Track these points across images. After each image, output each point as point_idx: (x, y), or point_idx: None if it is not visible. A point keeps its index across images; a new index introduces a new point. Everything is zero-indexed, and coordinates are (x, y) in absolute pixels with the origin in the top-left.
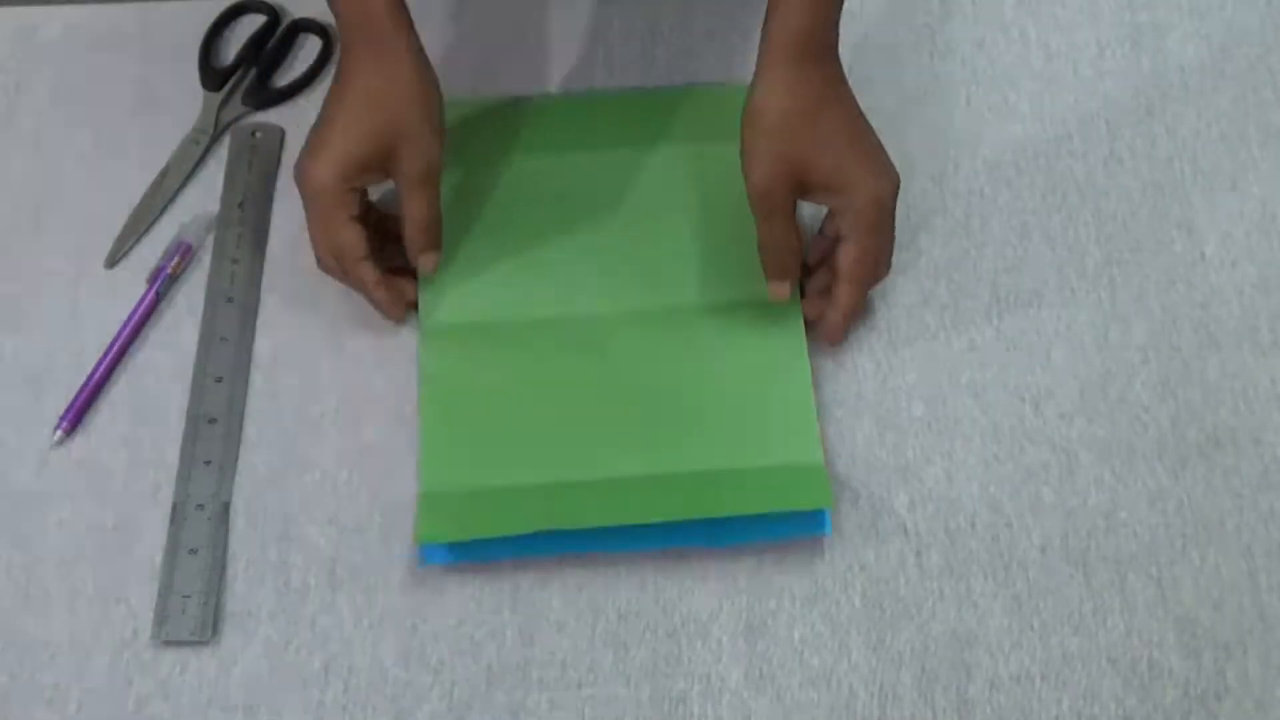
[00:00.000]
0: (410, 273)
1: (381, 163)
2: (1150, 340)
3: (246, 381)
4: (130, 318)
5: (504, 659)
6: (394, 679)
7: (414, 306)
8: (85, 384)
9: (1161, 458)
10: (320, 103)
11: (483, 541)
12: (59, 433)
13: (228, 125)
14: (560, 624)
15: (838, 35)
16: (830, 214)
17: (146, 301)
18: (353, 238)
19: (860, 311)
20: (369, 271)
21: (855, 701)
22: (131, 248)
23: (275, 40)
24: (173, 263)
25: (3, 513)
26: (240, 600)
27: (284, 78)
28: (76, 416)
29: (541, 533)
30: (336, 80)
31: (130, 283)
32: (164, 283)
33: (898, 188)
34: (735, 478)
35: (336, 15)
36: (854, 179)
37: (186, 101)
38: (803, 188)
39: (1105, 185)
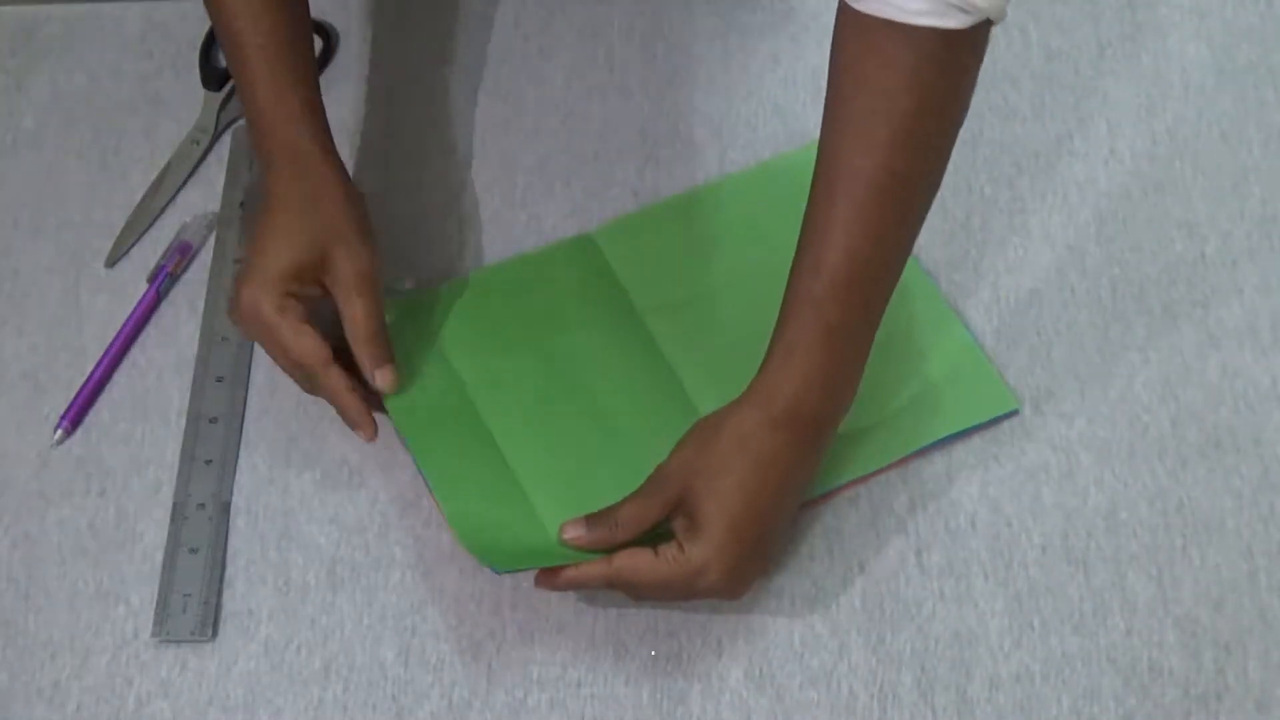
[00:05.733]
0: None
1: (315, 273)
2: (1150, 340)
3: (247, 381)
4: (130, 317)
5: (504, 659)
6: (394, 679)
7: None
8: (85, 384)
9: (1161, 458)
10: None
11: None
12: (59, 432)
13: (228, 125)
14: (560, 624)
15: (829, 408)
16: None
17: (146, 301)
18: (310, 343)
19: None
20: (338, 378)
21: (855, 702)
22: (131, 248)
23: None
24: (173, 262)
25: (3, 513)
26: (240, 600)
27: None
28: (76, 416)
29: None
30: (261, 207)
31: (130, 283)
32: (164, 282)
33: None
34: (914, 410)
35: (258, 148)
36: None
37: (186, 101)
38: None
39: (1105, 185)
